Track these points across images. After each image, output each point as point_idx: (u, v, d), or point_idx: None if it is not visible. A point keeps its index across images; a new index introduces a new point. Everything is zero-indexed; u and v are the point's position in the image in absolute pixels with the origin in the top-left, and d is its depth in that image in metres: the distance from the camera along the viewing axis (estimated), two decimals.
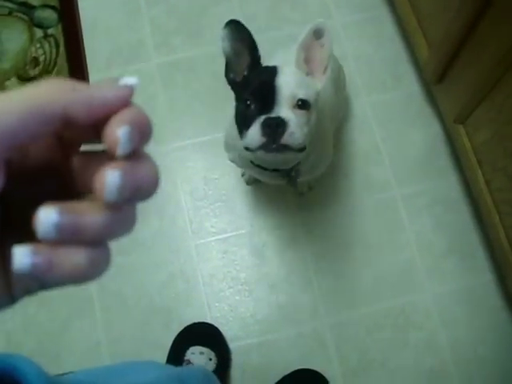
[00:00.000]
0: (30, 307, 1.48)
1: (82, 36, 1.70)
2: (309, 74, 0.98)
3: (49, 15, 1.74)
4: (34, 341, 1.47)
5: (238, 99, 0.99)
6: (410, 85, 1.62)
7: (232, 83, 1.00)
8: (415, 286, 1.46)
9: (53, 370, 1.38)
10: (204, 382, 0.65)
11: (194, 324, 1.42)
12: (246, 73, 0.98)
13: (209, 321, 1.43)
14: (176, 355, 1.37)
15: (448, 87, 1.37)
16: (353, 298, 1.45)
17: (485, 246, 1.47)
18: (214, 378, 0.71)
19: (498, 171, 1.22)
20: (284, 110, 0.90)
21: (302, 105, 0.91)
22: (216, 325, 1.42)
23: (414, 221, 1.50)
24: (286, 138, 0.88)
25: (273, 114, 0.89)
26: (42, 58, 1.68)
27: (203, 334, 1.41)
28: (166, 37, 1.69)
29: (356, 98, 1.60)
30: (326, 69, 0.97)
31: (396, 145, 1.56)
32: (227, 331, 1.43)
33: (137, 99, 0.31)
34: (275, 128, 0.88)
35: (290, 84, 0.91)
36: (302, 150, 0.93)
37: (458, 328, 1.43)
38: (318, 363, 1.40)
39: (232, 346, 1.42)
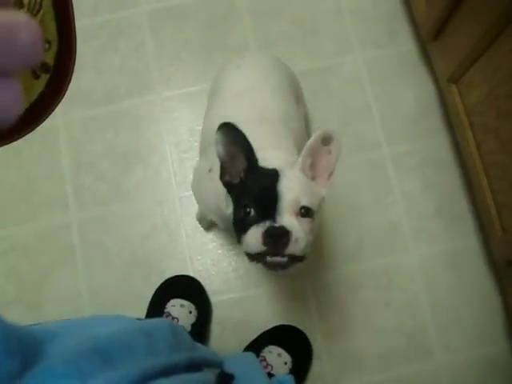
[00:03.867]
0: (11, 256, 1.46)
1: None
2: (313, 178, 0.91)
3: None
4: (15, 289, 1.45)
5: (235, 203, 0.91)
6: (405, 42, 1.57)
7: (228, 186, 0.92)
8: (400, 247, 1.45)
9: (33, 318, 1.38)
10: (170, 335, 0.64)
11: (176, 277, 1.41)
12: (242, 175, 0.89)
13: (191, 274, 1.42)
14: (156, 307, 1.37)
15: (444, 44, 1.33)
16: (336, 256, 1.44)
17: (472, 209, 1.46)
18: (181, 329, 0.69)
19: (490, 133, 1.20)
20: (286, 218, 0.83)
21: (305, 213, 0.84)
22: (198, 278, 1.41)
23: (402, 181, 1.48)
24: (290, 248, 0.82)
25: (276, 223, 0.82)
26: (26, 1, 1.63)
27: (184, 286, 1.40)
28: None
29: (349, 53, 1.56)
30: (331, 175, 0.91)
31: (388, 103, 1.53)
32: (209, 285, 1.42)
33: (124, 45, 0.28)
34: (278, 238, 0.82)
35: (293, 190, 0.84)
36: (304, 257, 0.86)
37: (440, 290, 1.43)
38: (298, 320, 1.39)
39: (213, 300, 1.41)
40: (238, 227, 0.88)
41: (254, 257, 0.85)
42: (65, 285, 1.45)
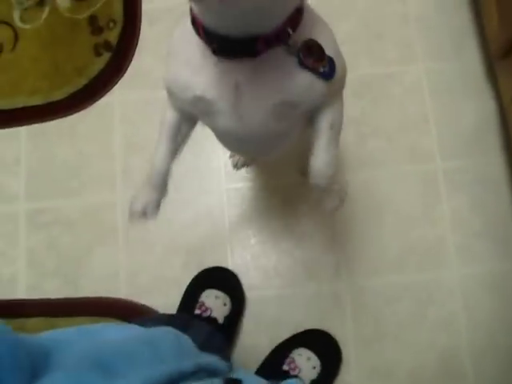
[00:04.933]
0: (55, 229, 1.48)
1: None
2: None
3: None
4: (54, 261, 1.47)
5: None
6: (471, 56, 1.54)
7: None
8: (442, 263, 1.42)
9: (69, 292, 1.40)
10: (175, 344, 0.64)
11: (214, 268, 1.41)
12: None
13: (230, 267, 1.42)
14: (191, 296, 1.37)
15: None
16: (377, 265, 1.42)
17: None
18: (184, 338, 0.70)
19: None
20: None
21: None
22: (236, 272, 1.41)
23: (451, 196, 1.45)
24: None
25: None
26: None
27: (221, 278, 1.40)
28: None
29: (412, 62, 1.54)
30: None
31: (446, 117, 1.50)
32: (246, 279, 1.41)
33: None
34: None
35: None
36: None
37: (479, 312, 1.40)
38: (331, 325, 1.38)
39: (249, 294, 1.41)
40: None
41: None
42: (104, 263, 1.46)
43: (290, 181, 1.47)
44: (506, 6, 1.29)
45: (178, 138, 0.89)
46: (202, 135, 1.49)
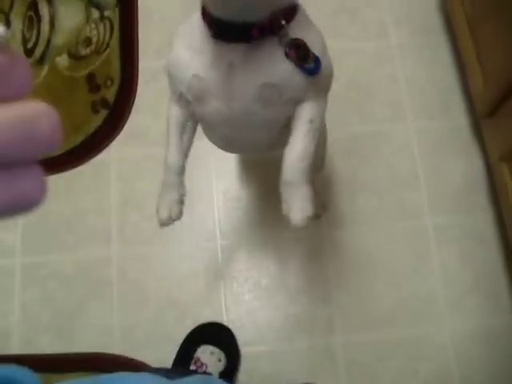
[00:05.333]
0: (50, 283, 1.49)
1: (137, 22, 1.71)
2: None
3: None
4: (49, 315, 1.47)
5: None
6: (458, 115, 1.60)
7: None
8: (434, 318, 1.44)
9: (63, 347, 1.40)
10: None
11: (209, 323, 1.42)
12: None
13: (224, 322, 1.43)
14: (186, 351, 1.37)
15: (498, 123, 1.35)
16: (369, 321, 1.44)
17: (510, 288, 1.45)
18: (214, 379, 0.70)
19: None
20: None
21: None
22: (231, 327, 1.42)
23: (442, 252, 1.48)
24: None
25: None
26: (95, 39, 1.70)
27: (216, 334, 1.41)
28: None
29: (401, 122, 1.59)
30: None
31: (435, 173, 1.54)
32: (241, 335, 1.42)
33: None
34: None
35: None
36: None
37: (472, 367, 1.41)
38: (325, 380, 1.39)
39: (243, 350, 1.41)
40: None
41: None
42: (98, 318, 1.47)
43: (282, 235, 1.50)
44: (489, 67, 1.35)
45: (185, 135, 0.92)
46: (197, 192, 1.53)
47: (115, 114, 1.62)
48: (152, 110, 1.63)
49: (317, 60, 0.77)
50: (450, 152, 1.56)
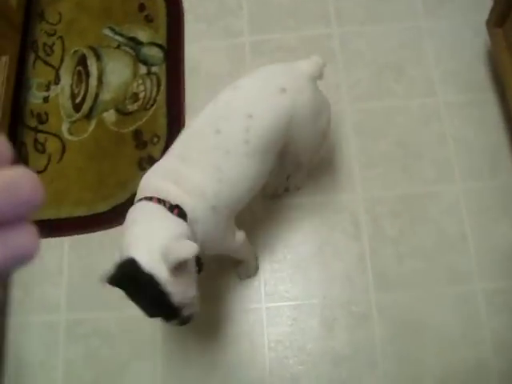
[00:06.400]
0: (94, 340, 1.49)
1: (183, 78, 1.73)
2: None
3: (155, 53, 1.78)
4: (92, 374, 1.48)
5: None
6: (507, 175, 1.56)
7: None
8: None
9: None
10: None
11: None
12: None
13: None
14: None
15: None
16: None
17: None
18: None
19: None
20: None
21: None
22: None
23: (492, 318, 1.44)
24: None
25: None
26: (142, 95, 1.72)
27: None
28: None
29: (449, 182, 1.56)
30: None
31: (484, 236, 1.51)
32: None
33: None
34: None
35: None
36: None
37: None
38: None
39: None
40: None
41: None
42: (141, 377, 1.46)
43: (326, 301, 1.48)
44: None
45: None
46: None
47: None
48: None
49: None
50: (499, 213, 1.53)
